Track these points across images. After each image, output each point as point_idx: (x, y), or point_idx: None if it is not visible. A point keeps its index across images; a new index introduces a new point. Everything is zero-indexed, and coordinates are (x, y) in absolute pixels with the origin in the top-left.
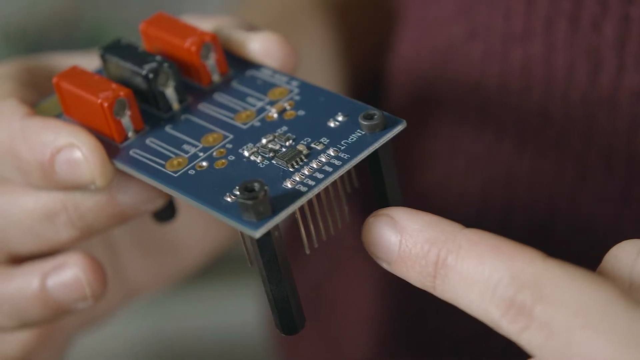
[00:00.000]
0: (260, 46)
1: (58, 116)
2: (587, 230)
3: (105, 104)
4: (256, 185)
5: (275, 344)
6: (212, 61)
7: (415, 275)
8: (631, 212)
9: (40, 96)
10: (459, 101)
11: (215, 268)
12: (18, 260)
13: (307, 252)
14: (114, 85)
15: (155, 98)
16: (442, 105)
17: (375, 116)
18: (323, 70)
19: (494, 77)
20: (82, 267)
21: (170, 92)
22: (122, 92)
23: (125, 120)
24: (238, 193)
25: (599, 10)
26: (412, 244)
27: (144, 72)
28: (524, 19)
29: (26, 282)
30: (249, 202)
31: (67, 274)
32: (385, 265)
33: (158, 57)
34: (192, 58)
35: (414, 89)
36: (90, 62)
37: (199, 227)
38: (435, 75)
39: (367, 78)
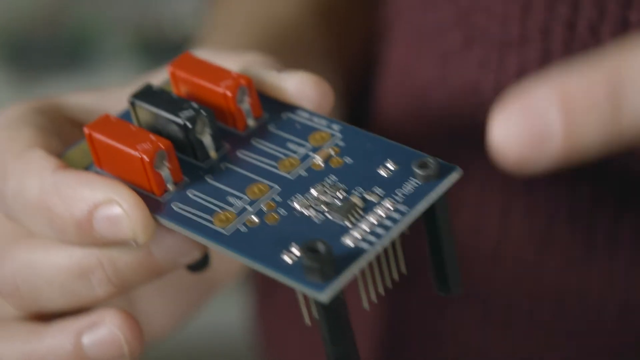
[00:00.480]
0: (295, 87)
1: (88, 167)
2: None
3: (146, 158)
4: (320, 246)
5: (262, 347)
6: (246, 105)
7: (594, 122)
8: (629, 218)
9: (60, 141)
10: (454, 109)
11: None
12: (48, 317)
13: (367, 307)
14: (152, 137)
15: (192, 147)
16: (437, 113)
17: (430, 165)
18: None
19: (490, 84)
20: (119, 324)
21: (207, 140)
22: (163, 145)
23: (165, 173)
24: (298, 252)
25: (596, 15)
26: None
27: (181, 122)
28: (520, 25)
29: (60, 341)
30: (315, 264)
31: (103, 332)
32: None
33: (194, 104)
34: (228, 103)
35: (409, 97)
36: (102, 99)
37: (225, 260)
38: (430, 83)
39: (357, 89)
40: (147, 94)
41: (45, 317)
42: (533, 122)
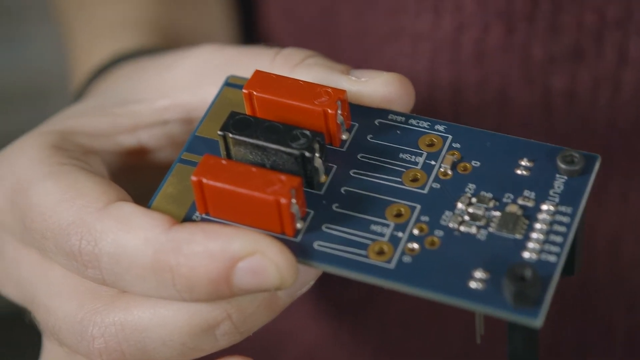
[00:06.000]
0: (383, 91)
1: (188, 216)
2: None
3: (284, 201)
4: (527, 273)
5: None
6: (340, 118)
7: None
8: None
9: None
10: None
11: None
12: None
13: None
14: (282, 177)
15: (310, 176)
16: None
17: (576, 159)
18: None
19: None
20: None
21: (319, 164)
22: (294, 183)
23: (295, 210)
24: (482, 276)
25: None
26: None
27: (297, 152)
28: None
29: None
30: (527, 291)
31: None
32: None
33: (306, 131)
34: (329, 121)
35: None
36: (116, 122)
37: None
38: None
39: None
40: (238, 124)
41: None
42: None
